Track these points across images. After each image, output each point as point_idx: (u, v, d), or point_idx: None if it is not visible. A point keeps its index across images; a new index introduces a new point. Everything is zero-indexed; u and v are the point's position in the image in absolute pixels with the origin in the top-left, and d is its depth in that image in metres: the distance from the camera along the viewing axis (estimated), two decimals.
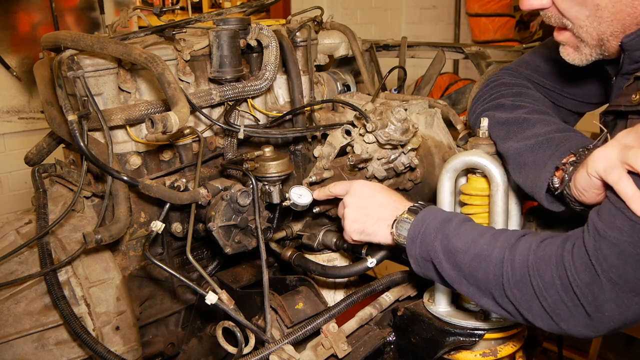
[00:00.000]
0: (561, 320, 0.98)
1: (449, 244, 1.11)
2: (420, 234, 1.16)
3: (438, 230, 1.14)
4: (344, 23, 2.10)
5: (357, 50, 2.06)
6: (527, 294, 1.00)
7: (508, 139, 1.26)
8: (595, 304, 0.93)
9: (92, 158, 1.32)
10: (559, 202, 1.17)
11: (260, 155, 1.56)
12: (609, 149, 0.96)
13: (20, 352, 1.35)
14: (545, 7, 1.16)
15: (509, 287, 1.02)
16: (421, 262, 1.17)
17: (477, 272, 1.06)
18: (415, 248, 1.17)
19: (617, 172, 0.93)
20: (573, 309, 0.95)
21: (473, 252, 1.07)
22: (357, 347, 1.35)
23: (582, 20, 1.11)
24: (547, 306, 0.98)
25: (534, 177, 1.17)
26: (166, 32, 1.56)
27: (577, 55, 1.19)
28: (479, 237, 1.09)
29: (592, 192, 1.04)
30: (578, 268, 0.94)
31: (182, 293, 1.75)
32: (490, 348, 1.33)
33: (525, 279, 1.00)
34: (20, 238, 1.46)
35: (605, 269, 0.91)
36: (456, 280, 1.11)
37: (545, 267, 0.98)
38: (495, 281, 1.04)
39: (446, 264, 1.11)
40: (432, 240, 1.13)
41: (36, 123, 3.86)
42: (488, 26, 4.74)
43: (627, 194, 0.90)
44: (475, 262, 1.07)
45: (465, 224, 1.14)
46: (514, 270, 1.01)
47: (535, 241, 1.03)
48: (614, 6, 1.07)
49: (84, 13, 4.15)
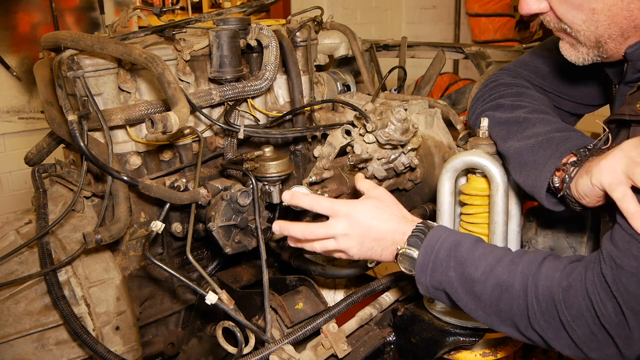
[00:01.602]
0: (591, 350, 0.97)
1: (465, 273, 1.06)
2: (431, 263, 1.10)
3: (449, 257, 1.08)
4: (344, 23, 2.10)
5: (357, 50, 2.06)
6: (554, 326, 0.98)
7: (508, 139, 1.26)
8: (624, 333, 0.92)
9: (92, 158, 1.32)
10: (559, 202, 1.17)
11: (260, 155, 1.56)
12: (615, 161, 0.96)
13: (20, 352, 1.35)
14: (544, 11, 1.16)
15: (535, 319, 0.99)
16: (432, 290, 1.12)
17: (500, 303, 1.03)
18: (425, 277, 1.11)
19: (622, 189, 0.93)
20: (603, 340, 0.94)
21: (493, 282, 1.03)
22: (357, 347, 1.35)
23: (579, 24, 1.11)
24: (577, 338, 0.96)
25: (534, 177, 1.17)
26: (166, 32, 1.56)
27: (574, 53, 1.19)
28: (496, 264, 1.05)
29: (594, 199, 1.04)
30: (603, 299, 0.93)
31: (182, 293, 1.75)
32: (490, 348, 1.34)
33: (552, 311, 0.97)
34: (20, 238, 1.46)
35: (626, 299, 0.90)
36: (474, 310, 1.07)
37: (572, 300, 0.96)
38: (520, 313, 1.01)
39: (463, 294, 1.07)
40: (444, 270, 1.08)
41: (36, 123, 3.86)
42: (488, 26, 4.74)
43: (630, 211, 0.91)
44: (497, 292, 1.03)
45: (477, 247, 1.09)
46: (539, 302, 0.99)
47: (558, 270, 1.00)
48: (609, 10, 1.07)
49: (84, 13, 4.15)
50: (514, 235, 1.32)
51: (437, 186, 1.29)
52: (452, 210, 1.30)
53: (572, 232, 1.45)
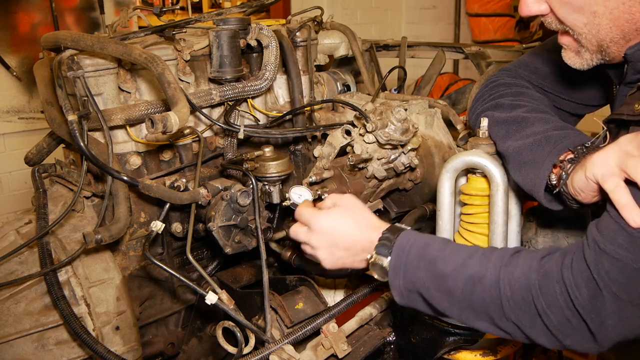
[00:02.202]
0: (565, 337, 0.97)
1: (436, 270, 1.06)
2: (402, 266, 1.10)
3: (420, 258, 1.09)
4: (344, 23, 2.10)
5: (357, 50, 2.06)
6: (529, 313, 0.98)
7: (507, 138, 1.26)
8: (598, 319, 0.92)
9: (92, 158, 1.32)
10: (557, 200, 1.17)
11: (260, 155, 1.56)
12: (609, 155, 0.96)
13: (20, 352, 1.35)
14: (544, 13, 1.16)
15: (509, 307, 1.00)
16: (406, 294, 1.11)
17: (472, 295, 1.03)
18: (398, 280, 1.11)
19: (614, 181, 0.93)
20: (577, 325, 0.94)
21: (465, 275, 1.04)
22: (357, 347, 1.35)
23: (581, 27, 1.11)
24: (551, 324, 0.97)
25: (532, 176, 1.17)
26: (166, 32, 1.56)
27: (578, 60, 1.19)
28: (468, 259, 1.05)
29: (589, 194, 1.04)
30: (579, 283, 0.93)
31: (182, 293, 1.75)
32: (490, 348, 1.34)
33: (527, 298, 0.98)
34: (20, 238, 1.46)
35: (607, 283, 0.90)
36: (447, 307, 1.07)
37: (547, 286, 0.96)
38: (493, 303, 1.01)
39: (435, 292, 1.07)
40: (415, 270, 1.08)
41: (36, 123, 3.86)
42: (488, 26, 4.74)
43: (621, 203, 0.91)
44: (469, 285, 1.03)
45: (447, 246, 1.10)
46: (512, 290, 0.99)
47: (535, 259, 1.01)
48: (611, 13, 1.07)
49: (84, 13, 4.15)
50: (514, 235, 1.32)
51: (437, 186, 1.29)
52: (452, 210, 1.30)
53: (572, 232, 1.45)
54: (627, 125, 1.11)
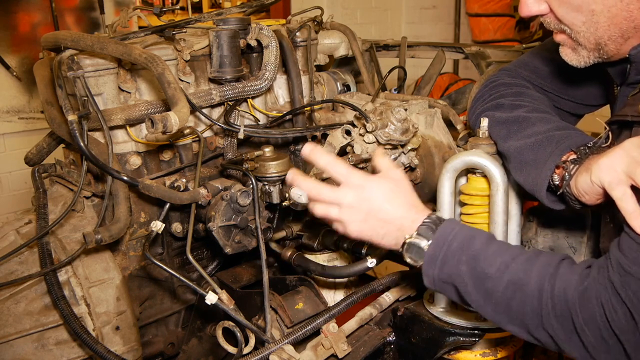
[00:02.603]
0: (599, 354, 0.96)
1: (478, 268, 1.03)
2: (442, 255, 1.06)
3: (462, 251, 1.05)
4: (344, 23, 2.10)
5: (357, 50, 2.06)
6: (566, 327, 0.97)
7: (508, 138, 1.26)
8: (634, 339, 0.91)
9: (92, 158, 1.32)
10: (559, 200, 1.17)
11: (260, 155, 1.56)
12: (616, 160, 0.96)
13: (20, 352, 1.35)
14: (544, 13, 1.17)
15: (548, 319, 0.98)
16: (438, 283, 1.09)
17: (512, 301, 1.01)
18: (434, 270, 1.08)
19: (622, 189, 0.93)
20: (612, 346, 0.94)
21: (507, 279, 1.01)
22: (357, 347, 1.35)
23: (579, 26, 1.11)
24: (587, 342, 0.95)
25: (534, 175, 1.17)
26: (166, 32, 1.56)
27: (575, 57, 1.19)
28: (511, 262, 1.02)
29: (593, 196, 1.04)
30: (615, 305, 0.92)
31: (182, 293, 1.75)
32: (490, 348, 1.34)
33: (566, 313, 0.96)
34: (20, 238, 1.46)
35: (636, 305, 0.90)
36: (482, 306, 1.05)
37: (586, 304, 0.95)
38: (533, 312, 1.00)
39: (472, 289, 1.04)
40: (455, 264, 1.05)
41: (36, 123, 3.86)
42: (488, 26, 4.74)
43: (628, 211, 0.91)
44: (510, 290, 1.01)
45: (491, 243, 1.07)
46: (554, 303, 0.97)
47: (575, 273, 0.99)
48: (609, 11, 1.07)
49: (84, 13, 4.15)
50: (514, 235, 1.32)
51: (437, 186, 1.29)
52: (452, 210, 1.30)
53: (572, 232, 1.45)
54: (630, 126, 1.11)
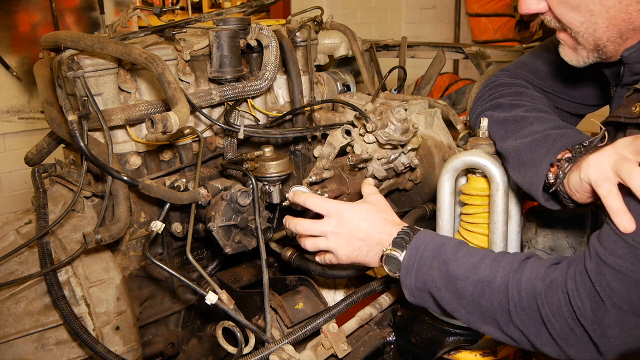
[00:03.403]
0: (569, 347, 0.97)
1: (448, 271, 1.07)
2: (416, 264, 1.11)
3: (434, 257, 1.10)
4: (344, 23, 2.10)
5: (357, 50, 2.06)
6: (535, 321, 0.98)
7: (506, 138, 1.26)
8: (600, 330, 0.92)
9: (92, 158, 1.32)
10: (555, 199, 1.17)
11: (260, 155, 1.56)
12: (604, 157, 0.96)
13: (20, 352, 1.35)
14: (543, 11, 1.17)
15: (516, 313, 1.00)
16: (416, 293, 1.13)
17: (481, 299, 1.03)
18: (410, 279, 1.12)
19: (607, 186, 0.94)
20: (580, 336, 0.95)
21: (475, 278, 1.04)
22: (357, 347, 1.35)
23: (577, 26, 1.12)
24: (555, 333, 0.97)
25: (531, 175, 1.17)
26: (166, 32, 1.56)
27: (575, 56, 1.20)
28: (479, 262, 1.06)
29: (583, 194, 1.05)
30: (581, 294, 0.93)
31: (182, 293, 1.75)
32: (490, 348, 1.33)
33: (533, 306, 0.98)
34: (20, 238, 1.46)
35: (608, 294, 0.91)
36: (456, 309, 1.08)
37: (552, 295, 0.97)
38: (501, 308, 1.02)
39: (445, 293, 1.08)
40: (428, 270, 1.09)
41: (36, 123, 3.86)
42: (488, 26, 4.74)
43: (614, 208, 0.92)
44: (478, 289, 1.04)
45: (461, 248, 1.11)
46: (520, 296, 0.99)
47: (543, 266, 1.01)
48: (607, 12, 1.07)
49: (84, 13, 4.15)
50: (514, 235, 1.32)
51: (437, 186, 1.29)
52: (452, 210, 1.30)
53: (572, 232, 1.45)
54: (625, 128, 1.11)
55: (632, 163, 0.91)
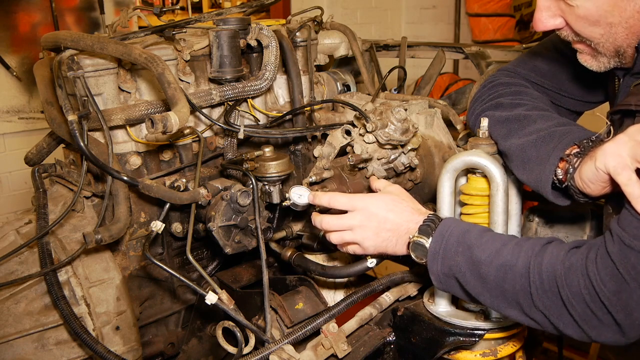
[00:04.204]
0: (591, 329, 0.98)
1: (472, 256, 1.10)
2: (442, 250, 1.14)
3: (459, 243, 1.12)
4: (344, 23, 2.10)
5: (357, 50, 2.06)
6: (556, 303, 1.00)
7: (509, 137, 1.26)
8: (624, 311, 0.94)
9: (92, 158, 1.32)
10: (564, 195, 1.17)
11: (260, 155, 1.56)
12: (620, 145, 0.96)
13: (20, 352, 1.35)
14: (559, 27, 1.17)
15: (538, 296, 1.02)
16: (443, 279, 1.16)
17: (504, 283, 1.05)
18: (437, 265, 1.15)
19: (627, 173, 0.94)
20: (602, 318, 0.96)
21: (498, 262, 1.06)
22: (357, 347, 1.35)
23: (598, 38, 1.13)
24: (577, 315, 0.98)
25: (538, 172, 1.17)
26: (166, 32, 1.56)
27: (595, 63, 1.20)
28: (502, 247, 1.08)
29: (599, 185, 1.04)
30: (604, 278, 0.95)
31: (182, 293, 1.75)
32: (490, 348, 1.33)
33: (554, 288, 1.00)
34: (20, 238, 1.46)
35: (633, 276, 0.92)
36: (481, 293, 1.10)
37: (572, 278, 0.98)
38: (523, 291, 1.03)
39: (470, 277, 1.10)
40: (453, 255, 1.12)
41: (36, 123, 3.86)
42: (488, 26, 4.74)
43: (634, 195, 0.92)
44: (501, 273, 1.06)
45: (485, 234, 1.13)
46: (541, 279, 1.01)
47: (563, 250, 1.03)
48: (627, 22, 1.08)
49: (84, 13, 4.15)
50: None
51: (437, 186, 1.29)
52: (452, 210, 1.30)
53: (572, 232, 1.45)
54: (634, 115, 1.11)
55: None
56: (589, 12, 1.09)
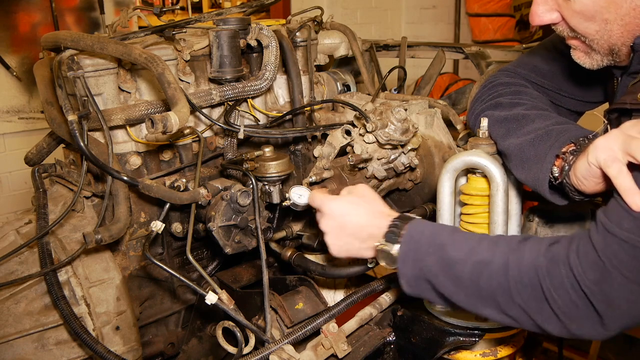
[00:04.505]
0: (571, 321, 0.97)
1: (445, 256, 1.07)
2: (412, 252, 1.10)
3: (430, 244, 1.09)
4: (344, 23, 2.10)
5: (357, 50, 2.06)
6: (537, 296, 0.98)
7: (508, 136, 1.26)
8: (606, 301, 0.93)
9: (92, 158, 1.32)
10: (561, 195, 1.17)
11: (260, 155, 1.56)
12: (611, 139, 0.96)
13: (20, 352, 1.35)
14: (555, 22, 1.17)
15: (517, 291, 1.00)
16: (413, 282, 1.11)
17: (480, 280, 1.03)
18: (407, 267, 1.11)
19: (617, 166, 0.94)
20: (584, 308, 0.95)
21: (473, 260, 1.04)
22: (357, 347, 1.35)
23: (592, 34, 1.13)
24: (557, 308, 0.97)
25: (536, 170, 1.17)
26: (166, 32, 1.56)
27: (588, 60, 1.20)
28: (476, 245, 1.06)
29: (592, 181, 1.04)
30: (585, 267, 0.94)
31: (182, 293, 1.75)
32: (490, 348, 1.34)
33: (535, 281, 0.98)
34: (20, 238, 1.46)
35: (615, 265, 0.91)
36: (455, 293, 1.07)
37: (554, 269, 0.97)
38: (501, 287, 1.01)
39: (443, 277, 1.07)
40: (424, 256, 1.09)
41: (36, 123, 3.86)
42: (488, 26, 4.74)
43: (624, 187, 0.92)
44: (477, 270, 1.03)
45: (457, 233, 1.11)
46: (521, 273, 0.99)
47: (544, 243, 1.02)
48: (622, 19, 1.08)
49: (84, 13, 4.15)
50: None
51: (437, 186, 1.29)
52: (452, 210, 1.30)
53: (572, 232, 1.45)
54: (629, 114, 1.11)
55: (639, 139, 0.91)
56: (585, 7, 1.09)
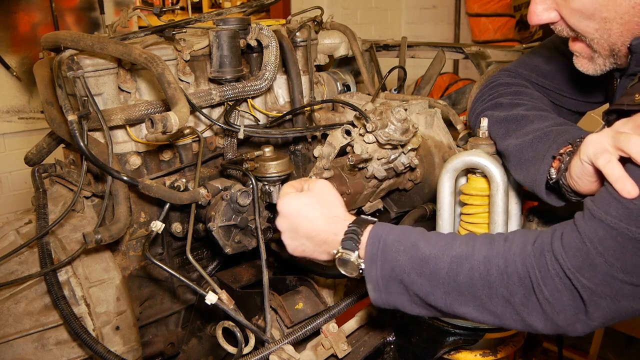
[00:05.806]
0: (557, 312, 0.95)
1: (418, 253, 1.03)
2: (380, 252, 1.05)
3: (399, 242, 1.04)
4: (344, 23, 2.10)
5: (357, 50, 2.06)
6: (523, 287, 0.96)
7: (507, 137, 1.26)
8: (589, 288, 0.91)
9: (92, 158, 1.32)
10: (558, 196, 1.17)
11: (260, 155, 1.56)
12: (601, 135, 0.96)
13: (20, 352, 1.35)
14: (554, 21, 1.17)
15: (501, 283, 0.97)
16: (383, 284, 1.05)
17: (458, 275, 1.00)
18: (375, 269, 1.05)
19: (606, 156, 0.93)
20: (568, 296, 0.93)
21: (451, 255, 1.01)
22: (357, 347, 1.35)
23: (592, 33, 1.12)
24: (544, 298, 0.95)
25: (533, 171, 1.17)
26: (166, 32, 1.56)
27: (592, 66, 1.20)
28: (452, 240, 1.04)
29: (586, 180, 1.03)
30: (568, 253, 0.93)
31: (182, 293, 1.75)
32: (490, 348, 1.34)
33: (522, 270, 0.96)
34: (20, 238, 1.46)
35: (600, 251, 0.90)
36: (430, 292, 1.02)
37: (540, 257, 0.95)
38: (482, 281, 0.98)
39: (416, 276, 1.02)
40: (395, 255, 1.04)
41: (36, 123, 3.86)
42: (488, 26, 4.74)
43: (614, 176, 0.91)
44: (455, 264, 1.00)
45: (426, 232, 1.08)
46: (507, 263, 0.97)
47: (532, 234, 1.01)
48: (621, 18, 1.07)
49: (84, 13, 4.15)
50: None
51: (437, 186, 1.29)
52: (452, 210, 1.30)
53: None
54: (627, 116, 1.12)
55: (628, 134, 0.91)
56: (584, 5, 1.09)
